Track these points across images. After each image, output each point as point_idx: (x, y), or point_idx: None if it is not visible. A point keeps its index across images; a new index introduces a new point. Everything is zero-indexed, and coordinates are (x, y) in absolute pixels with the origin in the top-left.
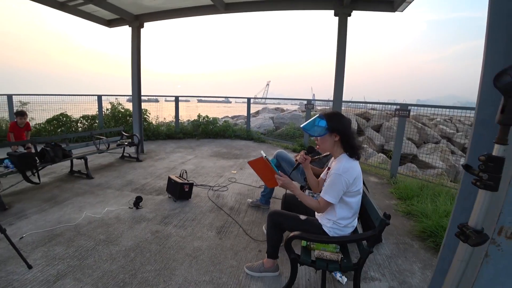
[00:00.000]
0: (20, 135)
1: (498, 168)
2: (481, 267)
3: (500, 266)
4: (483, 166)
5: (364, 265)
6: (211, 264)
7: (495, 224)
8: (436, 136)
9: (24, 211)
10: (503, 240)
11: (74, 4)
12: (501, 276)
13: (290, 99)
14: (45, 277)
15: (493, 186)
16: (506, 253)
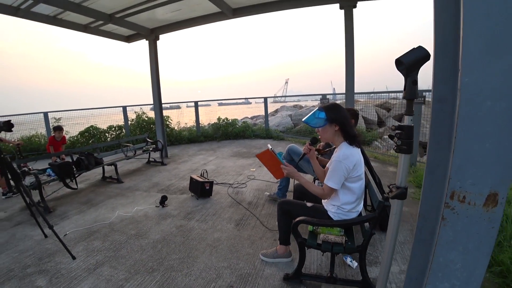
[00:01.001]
0: (57, 147)
1: (409, 135)
2: (439, 230)
3: (458, 228)
4: (398, 135)
5: (377, 250)
6: (229, 252)
7: (446, 190)
8: None
9: (66, 213)
10: (456, 203)
11: (95, 25)
12: (460, 238)
13: (308, 95)
14: (86, 266)
15: (407, 150)
16: (461, 216)
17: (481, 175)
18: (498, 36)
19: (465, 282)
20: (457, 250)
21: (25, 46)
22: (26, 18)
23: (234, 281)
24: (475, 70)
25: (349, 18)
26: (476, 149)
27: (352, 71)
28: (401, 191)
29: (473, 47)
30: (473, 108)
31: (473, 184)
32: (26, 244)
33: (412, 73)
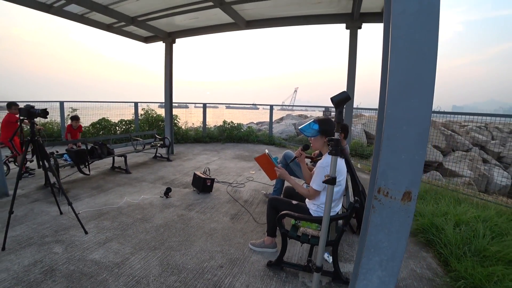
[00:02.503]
0: (74, 135)
1: (336, 144)
2: (370, 216)
3: (383, 214)
4: (330, 144)
5: (353, 250)
6: (222, 240)
7: (375, 186)
8: (467, 144)
9: (78, 195)
10: (382, 197)
11: (118, 25)
12: (385, 222)
13: (314, 106)
14: (97, 240)
15: (335, 153)
16: (385, 206)
17: (399, 177)
18: (407, 86)
19: (391, 258)
20: (383, 232)
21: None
22: (57, 15)
23: (224, 263)
24: (395, 105)
25: (353, 38)
26: (395, 159)
27: (352, 88)
28: (330, 178)
29: (394, 90)
30: (394, 130)
31: (393, 184)
32: (43, 218)
33: (339, 107)
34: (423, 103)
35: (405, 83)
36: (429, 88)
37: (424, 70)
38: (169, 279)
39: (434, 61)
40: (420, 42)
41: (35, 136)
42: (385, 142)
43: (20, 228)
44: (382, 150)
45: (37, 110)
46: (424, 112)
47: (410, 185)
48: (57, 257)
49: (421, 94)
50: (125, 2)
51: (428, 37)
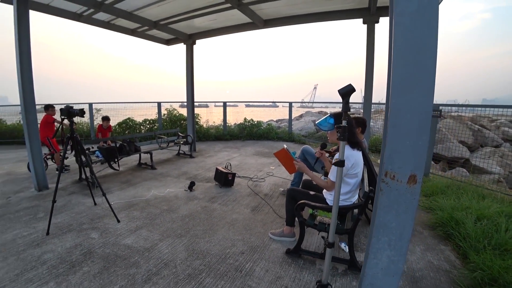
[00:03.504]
0: (104, 134)
1: (344, 131)
2: (378, 197)
3: (391, 196)
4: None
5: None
6: (244, 229)
7: (382, 170)
8: (497, 139)
9: (110, 189)
10: (389, 180)
11: (142, 30)
12: (393, 203)
13: (333, 102)
14: (128, 228)
15: (343, 139)
16: (392, 188)
17: (404, 162)
18: (408, 79)
19: (399, 237)
20: (391, 214)
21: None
22: (86, 23)
23: (245, 250)
24: (398, 96)
25: (371, 33)
26: (400, 145)
27: (371, 83)
28: (339, 161)
29: (396, 83)
30: (398, 119)
31: (399, 168)
32: (80, 208)
33: (345, 98)
34: (424, 94)
35: (406, 77)
36: (430, 81)
37: (424, 64)
38: (195, 263)
39: (434, 57)
40: (420, 39)
41: (74, 133)
42: (390, 130)
43: (61, 217)
44: (388, 137)
45: (76, 110)
46: (425, 103)
47: (414, 169)
48: (94, 241)
49: (422, 86)
50: (148, 8)
51: (427, 34)
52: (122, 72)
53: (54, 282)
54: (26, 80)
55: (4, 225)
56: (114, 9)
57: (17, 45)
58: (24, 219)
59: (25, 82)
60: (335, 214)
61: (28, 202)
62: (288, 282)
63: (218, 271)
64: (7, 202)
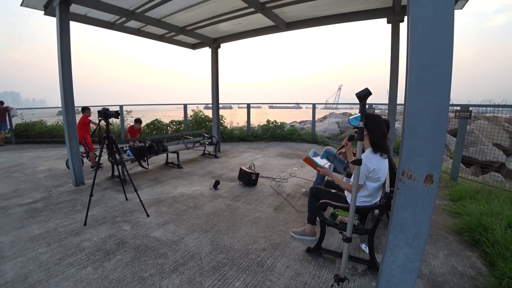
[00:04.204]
0: (133, 135)
1: (361, 132)
2: (396, 196)
3: (407, 195)
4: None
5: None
6: (266, 227)
7: (400, 169)
8: None
9: (139, 185)
10: (406, 179)
11: (169, 35)
12: (409, 202)
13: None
14: (157, 222)
15: (360, 139)
16: (409, 187)
17: (421, 162)
18: (424, 81)
19: (416, 236)
20: (408, 212)
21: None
22: (119, 30)
23: (267, 247)
24: (414, 98)
25: (395, 32)
26: (417, 145)
27: (396, 83)
28: (357, 160)
29: (413, 85)
30: (414, 120)
31: (416, 167)
32: (113, 203)
33: (362, 101)
34: (440, 96)
35: (422, 79)
36: (446, 83)
37: (440, 67)
38: (219, 256)
39: (449, 59)
40: (436, 43)
41: (110, 133)
42: (407, 130)
43: (96, 210)
44: (405, 137)
45: (111, 112)
46: (441, 104)
47: (431, 169)
48: (126, 233)
49: (438, 88)
50: (175, 15)
51: (443, 38)
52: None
53: (91, 267)
54: (67, 85)
55: (47, 215)
56: (144, 17)
57: (59, 53)
58: (64, 211)
59: (66, 86)
60: (352, 210)
61: (67, 196)
62: (307, 278)
63: (241, 265)
64: (49, 195)
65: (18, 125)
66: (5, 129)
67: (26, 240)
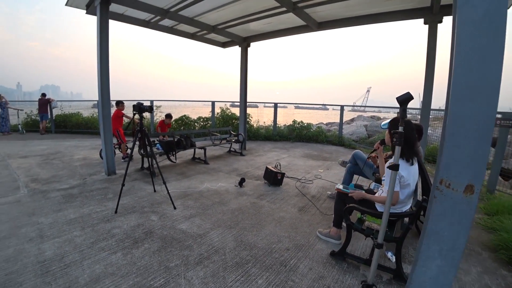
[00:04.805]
0: (164, 129)
1: (400, 137)
2: (432, 204)
3: (444, 204)
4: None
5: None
6: (290, 228)
7: (437, 177)
8: None
9: (167, 179)
10: (443, 188)
11: (201, 34)
12: (446, 212)
13: (387, 107)
14: (183, 215)
15: (398, 144)
16: (446, 196)
17: (461, 171)
18: (471, 87)
19: (451, 247)
20: (444, 222)
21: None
22: (153, 29)
23: (291, 247)
24: (458, 104)
25: (433, 34)
26: (458, 154)
27: (430, 88)
28: (394, 165)
29: (457, 91)
30: (457, 127)
31: (455, 176)
32: (142, 194)
33: (403, 105)
34: (487, 103)
35: (469, 85)
36: (494, 90)
37: (489, 73)
38: (242, 253)
39: (499, 64)
40: (485, 47)
41: (143, 127)
42: (449, 137)
43: (126, 199)
44: (445, 145)
45: (145, 107)
46: (488, 112)
47: (472, 179)
48: (153, 223)
49: (485, 95)
50: (208, 14)
51: (493, 42)
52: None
53: (121, 253)
54: (104, 79)
55: (82, 201)
56: (178, 15)
57: (98, 49)
58: (97, 198)
59: (103, 81)
60: (386, 216)
61: (100, 184)
62: (330, 282)
63: (264, 263)
64: (83, 183)
65: (57, 116)
66: (47, 119)
67: (63, 222)
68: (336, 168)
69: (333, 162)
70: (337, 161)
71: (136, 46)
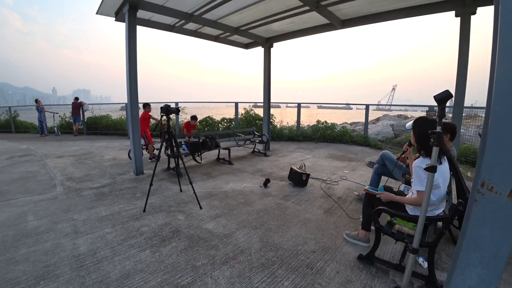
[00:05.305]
0: (189, 130)
1: (438, 137)
2: (472, 209)
3: (486, 209)
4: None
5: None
6: (316, 229)
7: (478, 180)
8: None
9: (193, 179)
10: (485, 191)
11: (224, 36)
12: (488, 217)
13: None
14: (209, 215)
15: (437, 144)
16: (489, 200)
17: (507, 173)
18: None
19: (494, 255)
20: (486, 228)
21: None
22: (178, 32)
23: (317, 249)
24: (503, 102)
25: (465, 27)
26: (503, 155)
27: (463, 84)
28: (431, 166)
29: (502, 87)
30: (501, 127)
31: (499, 179)
32: (168, 193)
33: (441, 104)
34: None
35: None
36: None
37: None
38: (268, 254)
39: None
40: None
41: (170, 128)
42: (492, 138)
43: (153, 198)
44: (488, 145)
45: (173, 108)
46: None
47: None
48: (180, 222)
49: None
50: (230, 16)
51: None
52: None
53: (149, 251)
54: (132, 83)
55: (112, 200)
56: (202, 19)
57: (127, 54)
58: (126, 197)
59: (132, 84)
60: (422, 219)
61: (129, 183)
62: (358, 287)
63: (290, 265)
64: (113, 182)
65: (89, 118)
66: (79, 121)
67: (95, 219)
68: (362, 169)
69: (358, 163)
70: (364, 161)
71: (159, 51)
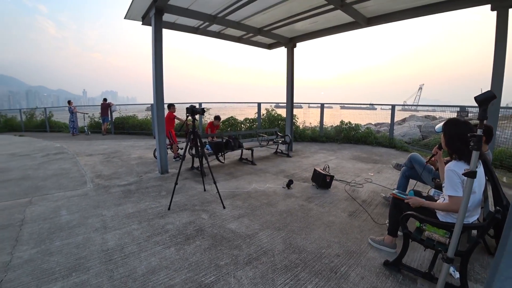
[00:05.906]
0: (212, 130)
1: (478, 140)
2: (508, 217)
3: None
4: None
5: (484, 273)
6: (340, 233)
7: None
8: None
9: (216, 178)
10: None
11: (247, 36)
12: None
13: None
14: (232, 214)
15: (477, 148)
16: None
17: None
18: None
19: None
20: None
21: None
22: (202, 34)
23: (341, 253)
24: None
25: (502, 22)
26: None
27: (500, 83)
28: (471, 171)
29: None
30: None
31: None
32: (192, 192)
33: (483, 105)
34: None
35: None
36: None
37: None
38: (291, 256)
39: None
40: None
41: (195, 128)
42: None
43: (178, 197)
44: None
45: (198, 109)
46: None
47: None
48: (204, 221)
49: None
50: (253, 16)
51: None
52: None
53: (174, 248)
54: (158, 84)
55: (139, 197)
56: (225, 20)
57: (153, 57)
58: (152, 195)
59: (158, 85)
60: (459, 226)
61: (154, 182)
62: None
63: (313, 268)
64: (139, 180)
65: (116, 118)
66: (108, 121)
67: (123, 216)
68: (388, 172)
69: (384, 165)
70: (390, 164)
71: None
